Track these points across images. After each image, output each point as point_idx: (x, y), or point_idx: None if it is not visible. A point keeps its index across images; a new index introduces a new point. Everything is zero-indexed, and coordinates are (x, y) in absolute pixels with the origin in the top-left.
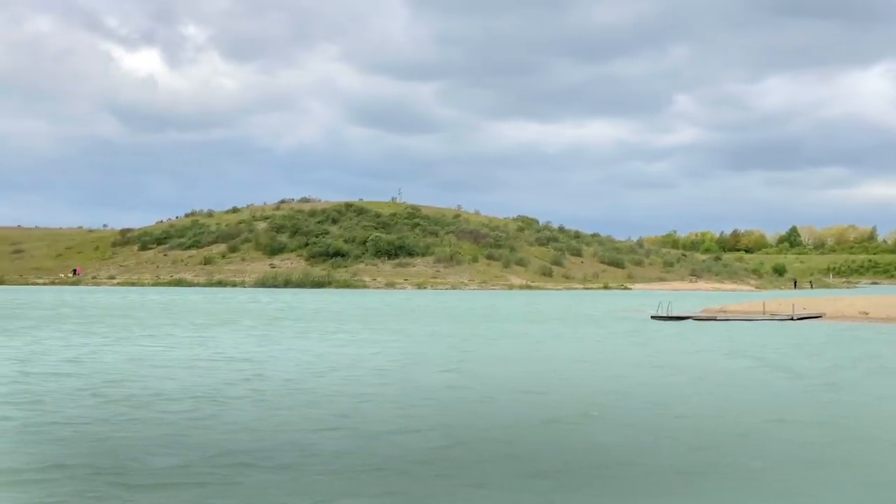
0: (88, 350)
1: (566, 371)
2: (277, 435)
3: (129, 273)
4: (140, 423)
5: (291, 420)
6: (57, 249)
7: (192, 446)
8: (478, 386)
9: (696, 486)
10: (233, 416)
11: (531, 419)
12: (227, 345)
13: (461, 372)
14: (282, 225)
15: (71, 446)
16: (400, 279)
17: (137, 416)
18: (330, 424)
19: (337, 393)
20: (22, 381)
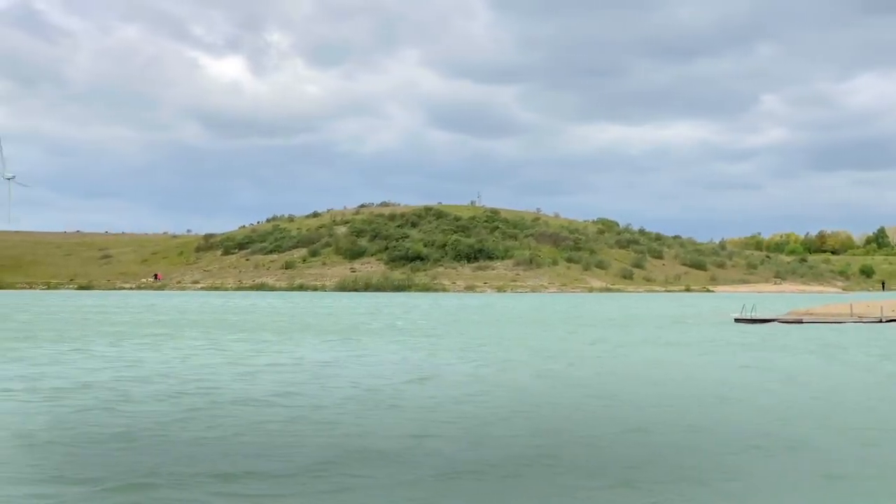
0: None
1: (697, 391)
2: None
3: (212, 277)
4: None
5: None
6: (143, 255)
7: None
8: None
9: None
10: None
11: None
12: (384, 353)
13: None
14: (362, 229)
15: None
16: (479, 282)
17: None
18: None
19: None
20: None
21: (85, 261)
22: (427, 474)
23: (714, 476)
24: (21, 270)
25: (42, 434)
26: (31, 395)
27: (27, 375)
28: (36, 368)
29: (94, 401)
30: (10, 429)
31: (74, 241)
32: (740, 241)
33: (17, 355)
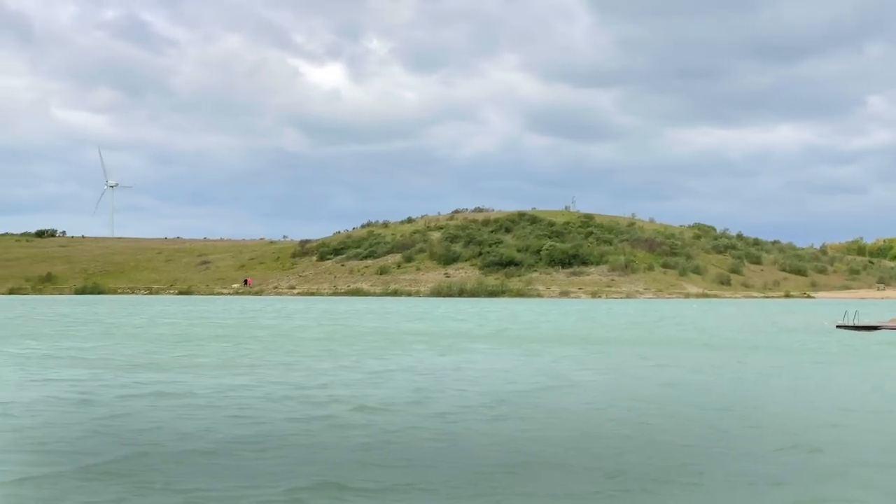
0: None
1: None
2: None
3: (307, 283)
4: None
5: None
6: (240, 261)
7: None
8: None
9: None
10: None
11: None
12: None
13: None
14: (456, 235)
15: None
16: (574, 288)
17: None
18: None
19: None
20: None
21: (184, 266)
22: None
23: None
24: (124, 276)
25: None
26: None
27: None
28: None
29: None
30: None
31: (174, 247)
32: (842, 245)
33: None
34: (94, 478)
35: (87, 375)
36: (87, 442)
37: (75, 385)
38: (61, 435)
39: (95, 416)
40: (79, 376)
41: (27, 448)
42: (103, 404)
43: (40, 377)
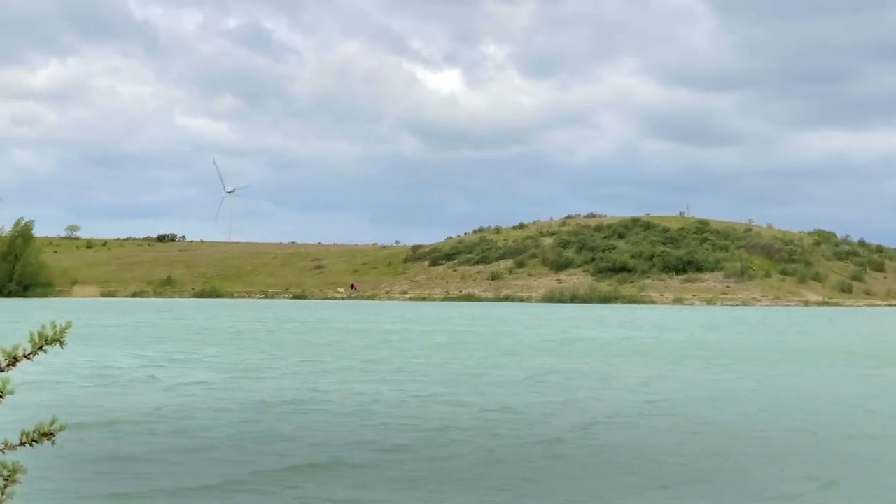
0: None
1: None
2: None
3: (419, 288)
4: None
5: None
6: (353, 265)
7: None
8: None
9: None
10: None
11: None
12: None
13: None
14: (568, 241)
15: None
16: (688, 295)
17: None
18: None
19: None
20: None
21: (299, 271)
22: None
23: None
24: (240, 280)
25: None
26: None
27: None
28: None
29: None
30: None
31: (289, 251)
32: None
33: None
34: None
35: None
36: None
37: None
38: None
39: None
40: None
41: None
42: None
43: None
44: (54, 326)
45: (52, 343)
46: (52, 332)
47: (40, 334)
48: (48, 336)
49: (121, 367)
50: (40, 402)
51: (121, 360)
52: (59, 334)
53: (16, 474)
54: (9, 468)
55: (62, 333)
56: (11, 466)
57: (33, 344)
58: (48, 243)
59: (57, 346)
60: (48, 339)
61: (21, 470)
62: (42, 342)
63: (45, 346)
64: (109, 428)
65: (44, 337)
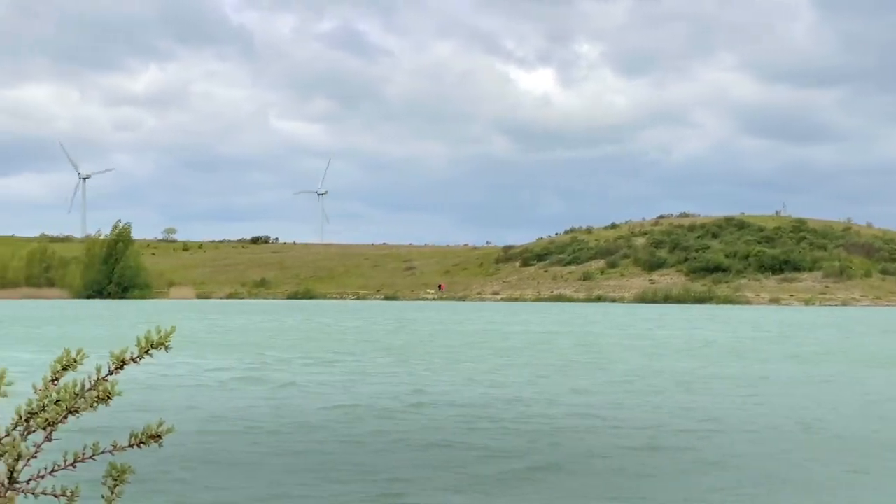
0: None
1: None
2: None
3: (511, 289)
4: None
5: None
6: (445, 266)
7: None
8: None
9: None
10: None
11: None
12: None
13: None
14: (661, 240)
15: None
16: (785, 295)
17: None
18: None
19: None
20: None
21: (390, 272)
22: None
23: None
24: (334, 281)
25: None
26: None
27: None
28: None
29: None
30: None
31: (381, 253)
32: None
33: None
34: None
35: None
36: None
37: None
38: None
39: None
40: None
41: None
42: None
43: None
44: (159, 331)
45: (158, 347)
46: (157, 336)
47: (147, 338)
48: (154, 340)
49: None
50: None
51: (309, 368)
52: (164, 339)
53: (124, 475)
54: (118, 469)
55: (167, 338)
56: (121, 467)
57: (140, 348)
58: (146, 246)
59: (162, 349)
60: (154, 344)
61: (129, 470)
62: (148, 346)
63: (150, 350)
64: (302, 433)
65: (150, 341)
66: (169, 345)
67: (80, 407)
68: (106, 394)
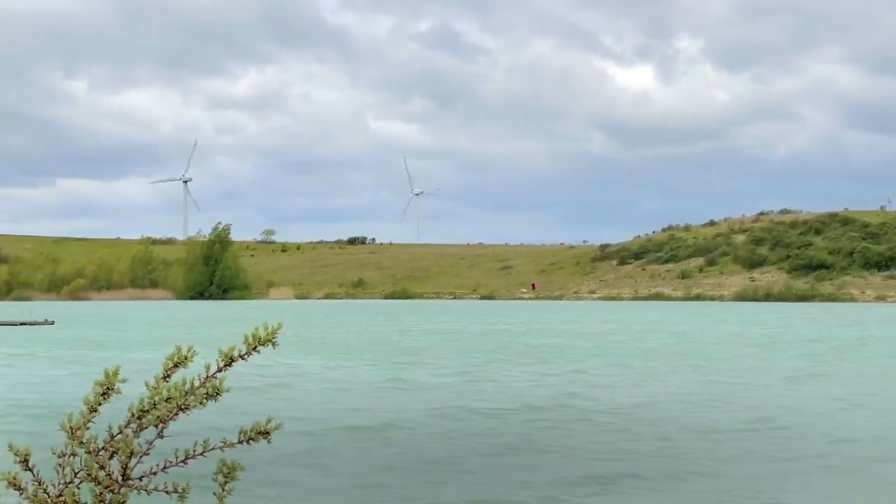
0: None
1: None
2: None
3: (608, 288)
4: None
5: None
6: (541, 265)
7: None
8: None
9: None
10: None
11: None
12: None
13: None
14: (761, 237)
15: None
16: (892, 292)
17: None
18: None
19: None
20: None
21: (486, 271)
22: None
23: None
24: (429, 281)
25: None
26: None
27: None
28: None
29: None
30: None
31: (476, 252)
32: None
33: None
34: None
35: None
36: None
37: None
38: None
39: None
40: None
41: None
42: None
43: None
44: (266, 328)
45: (265, 344)
46: (264, 333)
47: (254, 336)
48: (261, 337)
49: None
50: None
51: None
52: (270, 335)
53: (235, 471)
54: (229, 465)
55: (273, 335)
56: (231, 464)
57: (248, 345)
58: (245, 247)
59: (270, 346)
60: (261, 341)
61: (240, 467)
62: (255, 343)
63: (258, 347)
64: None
65: (257, 338)
66: (276, 342)
67: (190, 404)
68: (215, 391)
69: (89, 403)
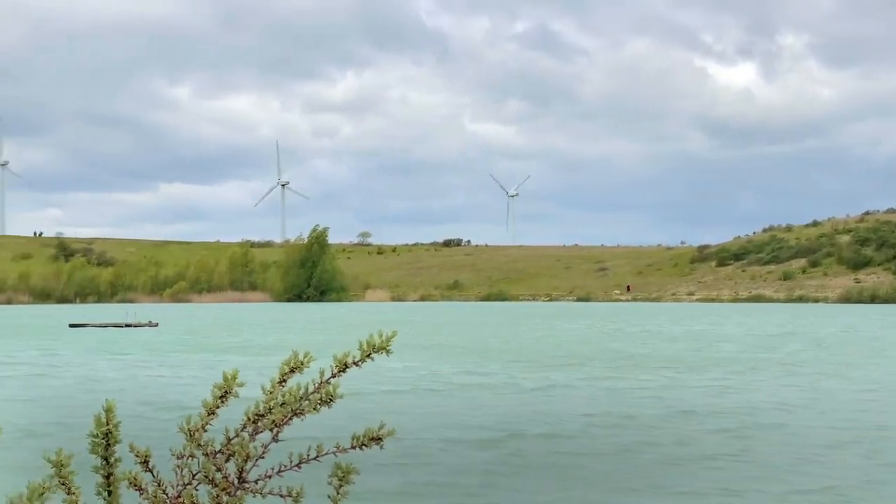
0: None
1: None
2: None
3: (706, 289)
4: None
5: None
6: (637, 267)
7: None
8: None
9: None
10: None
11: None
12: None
13: None
14: (867, 238)
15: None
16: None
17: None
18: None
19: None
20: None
21: (583, 273)
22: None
23: None
24: (524, 283)
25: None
26: None
27: None
28: None
29: None
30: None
31: (572, 253)
32: None
33: None
34: None
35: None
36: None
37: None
38: None
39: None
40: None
41: None
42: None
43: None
44: (381, 335)
45: (379, 351)
46: (378, 340)
47: (369, 342)
48: (375, 344)
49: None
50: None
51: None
52: (385, 342)
53: (349, 475)
54: (343, 469)
55: (388, 342)
56: (346, 468)
57: (362, 352)
58: (341, 250)
59: (384, 353)
60: (376, 347)
61: (354, 471)
62: (370, 350)
63: (372, 354)
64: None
65: (371, 345)
66: (390, 349)
67: (304, 409)
68: (328, 396)
69: (207, 406)
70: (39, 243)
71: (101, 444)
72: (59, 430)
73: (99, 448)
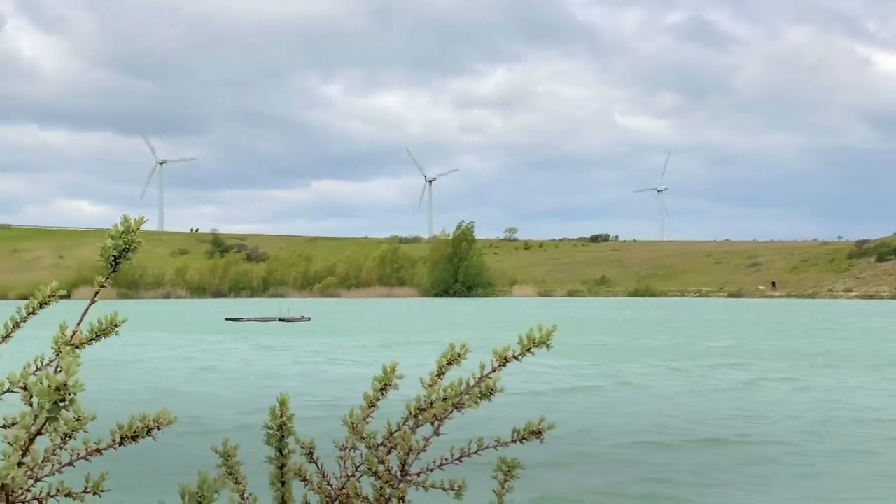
0: None
1: None
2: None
3: (865, 286)
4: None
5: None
6: (791, 262)
7: None
8: None
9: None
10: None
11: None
12: None
13: None
14: None
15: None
16: None
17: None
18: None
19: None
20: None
21: (733, 269)
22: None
23: None
24: (673, 279)
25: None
26: None
27: None
28: None
29: None
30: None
31: (723, 249)
32: None
33: None
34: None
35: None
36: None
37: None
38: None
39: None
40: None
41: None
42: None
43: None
44: (541, 329)
45: (539, 345)
46: (539, 335)
47: (529, 337)
48: (536, 339)
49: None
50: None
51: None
52: (545, 337)
53: (514, 469)
54: (508, 464)
55: (548, 336)
56: (511, 462)
57: (522, 346)
58: (488, 246)
59: (544, 347)
60: (536, 342)
61: (519, 465)
62: (530, 345)
63: (532, 349)
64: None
65: (532, 339)
66: (550, 343)
67: (465, 403)
68: (489, 390)
69: (368, 399)
70: (196, 239)
71: (276, 435)
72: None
73: (273, 439)
